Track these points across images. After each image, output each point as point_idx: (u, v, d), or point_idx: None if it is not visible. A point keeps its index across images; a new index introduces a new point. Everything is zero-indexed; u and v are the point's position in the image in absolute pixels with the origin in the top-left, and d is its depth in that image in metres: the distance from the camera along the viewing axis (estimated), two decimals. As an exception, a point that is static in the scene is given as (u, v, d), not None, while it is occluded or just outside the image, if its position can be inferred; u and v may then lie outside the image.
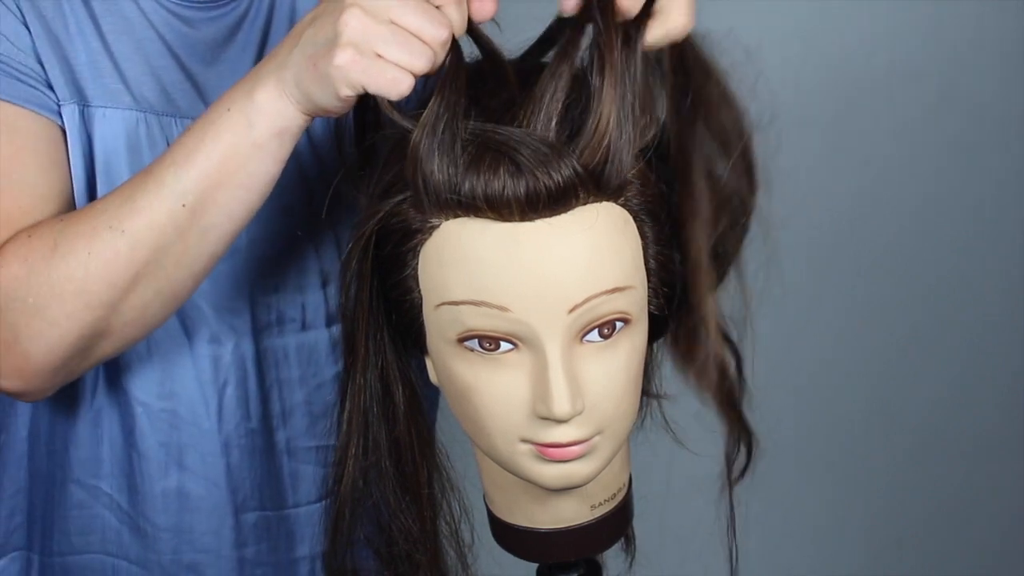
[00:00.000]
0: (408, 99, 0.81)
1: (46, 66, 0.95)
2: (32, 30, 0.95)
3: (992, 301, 2.11)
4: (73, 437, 1.05)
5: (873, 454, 2.15)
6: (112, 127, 0.98)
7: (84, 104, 0.97)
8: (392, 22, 0.79)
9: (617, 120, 0.79)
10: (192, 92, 1.01)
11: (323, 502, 1.06)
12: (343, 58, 0.79)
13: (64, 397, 1.04)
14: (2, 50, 0.93)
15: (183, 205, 0.86)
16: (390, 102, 0.81)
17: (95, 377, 1.03)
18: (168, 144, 0.98)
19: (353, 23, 0.78)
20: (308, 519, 1.10)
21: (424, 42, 0.79)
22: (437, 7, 0.80)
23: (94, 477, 1.05)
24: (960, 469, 2.16)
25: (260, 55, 1.03)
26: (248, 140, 0.84)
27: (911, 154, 2.06)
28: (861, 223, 2.09)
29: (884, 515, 2.17)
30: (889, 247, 2.10)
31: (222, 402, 1.04)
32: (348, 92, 0.80)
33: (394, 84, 0.79)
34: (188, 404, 1.04)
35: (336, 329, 1.06)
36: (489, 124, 0.80)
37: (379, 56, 0.79)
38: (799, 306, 2.08)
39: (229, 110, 0.85)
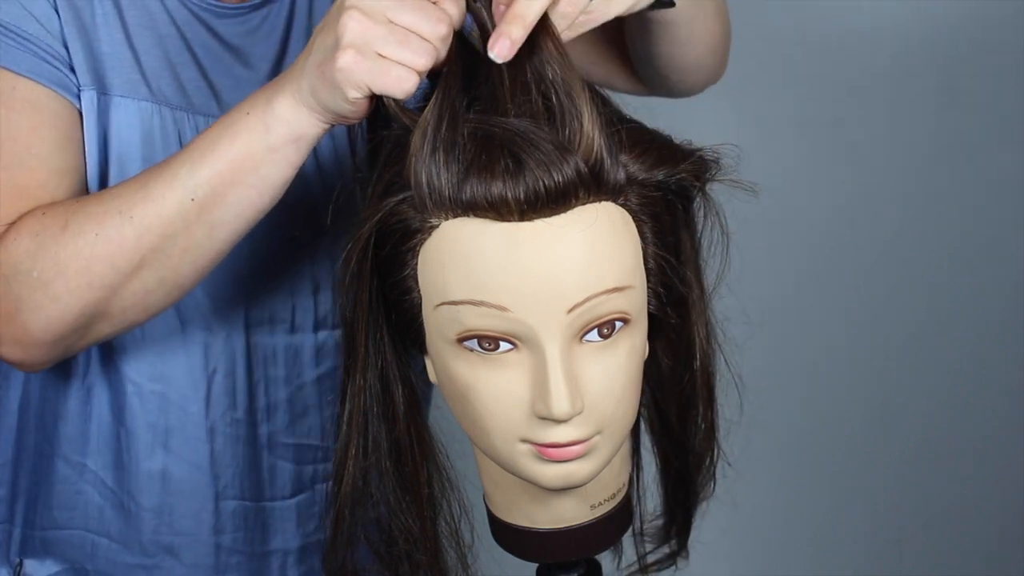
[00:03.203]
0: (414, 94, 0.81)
1: (71, 51, 0.98)
2: (61, 15, 0.97)
3: (992, 300, 2.11)
4: (63, 412, 1.07)
5: (873, 454, 2.15)
6: (128, 116, 1.00)
7: (103, 92, 0.99)
8: (391, 21, 0.79)
9: (599, 117, 0.79)
10: (207, 91, 1.03)
11: (295, 498, 1.11)
12: (344, 60, 0.79)
13: (57, 372, 1.06)
14: (32, 31, 0.96)
15: (192, 199, 0.88)
16: (395, 101, 0.81)
17: (88, 354, 1.05)
18: (179, 138, 1.00)
19: (352, 25, 0.79)
20: (282, 513, 1.12)
21: (424, 39, 0.79)
22: (434, 3, 0.80)
23: (80, 454, 1.07)
24: (960, 469, 2.16)
25: (278, 66, 1.05)
26: (264, 144, 0.86)
27: (911, 153, 2.06)
28: (861, 223, 2.09)
29: (884, 515, 2.17)
30: (889, 247, 2.10)
31: (210, 389, 1.07)
32: (355, 94, 0.80)
33: (398, 83, 0.79)
34: (178, 388, 1.06)
35: (321, 335, 1.10)
36: (489, 117, 0.80)
37: (381, 56, 0.79)
38: (799, 307, 2.08)
39: (248, 114, 0.86)
